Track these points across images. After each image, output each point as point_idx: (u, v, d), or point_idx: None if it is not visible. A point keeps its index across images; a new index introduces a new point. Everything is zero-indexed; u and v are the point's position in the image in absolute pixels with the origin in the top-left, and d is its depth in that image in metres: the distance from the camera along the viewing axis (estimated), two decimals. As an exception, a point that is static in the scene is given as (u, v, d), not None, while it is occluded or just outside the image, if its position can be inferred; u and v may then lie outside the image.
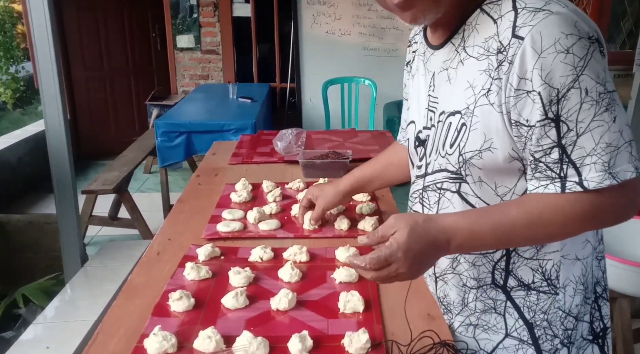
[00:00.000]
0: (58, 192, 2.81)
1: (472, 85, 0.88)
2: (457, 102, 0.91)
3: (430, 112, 1.00)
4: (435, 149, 0.97)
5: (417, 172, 1.06)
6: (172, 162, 3.69)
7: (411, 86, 1.11)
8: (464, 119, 0.89)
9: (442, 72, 0.96)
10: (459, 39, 0.92)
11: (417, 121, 1.05)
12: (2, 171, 4.50)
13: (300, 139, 2.21)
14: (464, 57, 0.91)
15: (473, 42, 0.89)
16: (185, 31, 5.47)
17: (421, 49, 1.06)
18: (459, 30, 0.92)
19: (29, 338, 2.24)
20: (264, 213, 1.54)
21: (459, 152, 0.91)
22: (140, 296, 1.13)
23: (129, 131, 5.88)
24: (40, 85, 2.68)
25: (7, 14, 6.61)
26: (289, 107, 5.64)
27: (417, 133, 1.05)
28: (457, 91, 0.91)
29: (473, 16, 0.90)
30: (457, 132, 0.91)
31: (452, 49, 0.93)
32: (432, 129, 0.99)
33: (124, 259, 2.87)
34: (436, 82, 0.98)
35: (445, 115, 0.94)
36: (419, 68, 1.06)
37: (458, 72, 0.92)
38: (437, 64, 0.98)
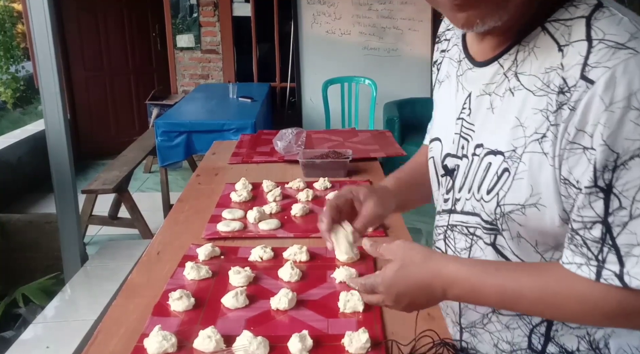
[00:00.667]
0: (58, 192, 2.81)
1: (522, 125, 0.71)
2: (500, 140, 0.74)
3: (463, 139, 0.82)
4: (467, 188, 0.81)
5: (442, 203, 0.90)
6: (172, 162, 3.69)
7: (438, 93, 0.94)
8: (507, 163, 0.73)
9: (482, 97, 0.78)
10: (510, 61, 0.74)
11: (444, 141, 0.88)
12: (2, 171, 4.49)
13: (300, 138, 2.21)
14: (515, 86, 0.73)
15: (529, 69, 0.71)
16: (185, 31, 5.47)
17: (455, 54, 0.87)
18: (512, 49, 0.74)
19: (29, 338, 2.24)
20: (264, 213, 1.54)
21: (496, 202, 0.75)
22: (140, 296, 1.13)
23: (129, 130, 5.88)
24: (40, 85, 2.68)
25: (7, 14, 6.62)
26: (289, 106, 5.64)
27: (444, 158, 0.88)
28: (502, 126, 0.74)
29: (532, 35, 0.72)
30: (497, 177, 0.74)
31: (500, 72, 0.76)
32: (463, 159, 0.82)
33: (124, 259, 2.87)
34: (473, 106, 0.80)
35: (484, 151, 0.77)
36: (450, 77, 0.88)
37: (505, 103, 0.74)
38: (476, 83, 0.80)
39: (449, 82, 0.88)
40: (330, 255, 1.30)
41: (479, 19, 0.69)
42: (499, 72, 0.76)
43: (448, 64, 0.90)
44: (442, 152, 0.88)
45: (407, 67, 5.26)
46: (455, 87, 0.85)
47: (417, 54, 5.24)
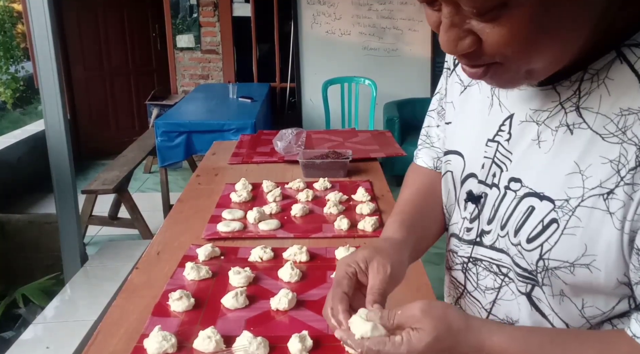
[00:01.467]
0: (58, 192, 2.81)
1: (582, 172, 0.58)
2: (550, 184, 0.61)
3: (496, 166, 0.70)
4: (500, 224, 0.69)
5: (464, 231, 0.78)
6: (172, 162, 3.69)
7: (459, 102, 0.80)
8: (556, 213, 0.60)
9: (528, 124, 0.65)
10: (571, 91, 0.60)
11: (468, 159, 0.76)
12: (2, 171, 4.50)
13: (300, 138, 2.21)
14: (576, 122, 0.59)
15: (598, 105, 0.57)
16: (185, 31, 5.47)
17: None
18: (574, 76, 0.60)
19: (29, 338, 2.24)
20: (264, 213, 1.53)
21: (539, 254, 0.63)
22: (140, 296, 1.13)
23: (129, 130, 5.88)
24: (40, 85, 2.68)
25: (7, 14, 6.62)
26: (289, 107, 5.64)
27: (465, 178, 0.76)
28: (554, 169, 0.61)
29: (603, 61, 0.57)
30: (543, 227, 0.62)
31: (554, 99, 0.62)
32: (493, 189, 0.71)
33: (124, 259, 2.87)
34: (515, 131, 0.67)
35: (523, 189, 0.65)
36: (482, 85, 0.74)
37: (559, 141, 0.61)
38: (520, 105, 0.67)
39: (479, 89, 0.75)
40: (330, 255, 1.30)
41: (504, 87, 0.60)
42: (554, 99, 0.62)
43: None
44: (464, 171, 0.76)
45: (407, 67, 5.26)
46: (490, 101, 0.72)
47: (417, 54, 5.24)
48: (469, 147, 0.76)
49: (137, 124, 6.04)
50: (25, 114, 7.71)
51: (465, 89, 0.79)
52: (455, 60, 0.83)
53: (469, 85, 0.78)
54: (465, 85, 0.79)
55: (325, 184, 1.79)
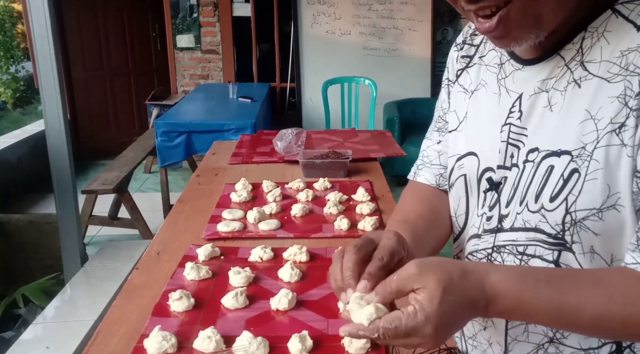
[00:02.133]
0: (58, 192, 2.81)
1: (594, 117, 0.62)
2: (565, 138, 0.64)
3: (512, 147, 0.72)
4: (520, 199, 0.69)
5: (484, 224, 0.77)
6: (172, 162, 3.69)
7: (464, 105, 0.82)
8: (576, 162, 0.62)
9: (537, 95, 0.69)
10: (574, 51, 0.66)
11: (483, 154, 0.77)
12: (2, 171, 4.50)
13: (300, 139, 2.21)
14: (582, 76, 0.64)
15: (600, 55, 0.63)
16: (185, 31, 5.47)
17: (494, 58, 0.79)
18: (575, 38, 0.66)
19: (29, 338, 2.24)
20: (264, 213, 1.54)
21: (565, 209, 0.63)
22: (140, 296, 1.13)
23: (129, 130, 5.88)
24: (40, 85, 2.68)
25: (7, 14, 6.62)
26: (289, 107, 5.64)
27: (484, 172, 0.77)
28: (567, 122, 0.64)
29: (600, 19, 0.64)
30: (564, 180, 0.63)
31: (560, 64, 0.67)
32: (512, 169, 0.71)
33: (124, 259, 2.87)
34: (525, 107, 0.70)
35: (541, 154, 0.67)
36: (488, 84, 0.78)
37: (569, 97, 0.65)
38: (528, 83, 0.70)
39: (485, 89, 0.78)
40: (330, 255, 1.30)
41: (513, 42, 0.64)
42: (559, 64, 0.67)
43: (482, 71, 0.80)
44: (480, 167, 0.77)
45: (407, 67, 5.26)
46: (497, 92, 0.75)
47: (417, 54, 5.24)
48: (483, 143, 0.77)
49: (137, 124, 6.04)
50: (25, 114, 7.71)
51: (472, 94, 0.81)
52: (457, 72, 0.85)
53: (475, 89, 0.81)
54: (472, 89, 0.81)
55: (325, 184, 1.79)
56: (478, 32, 0.77)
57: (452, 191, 0.83)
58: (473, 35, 0.85)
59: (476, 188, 0.78)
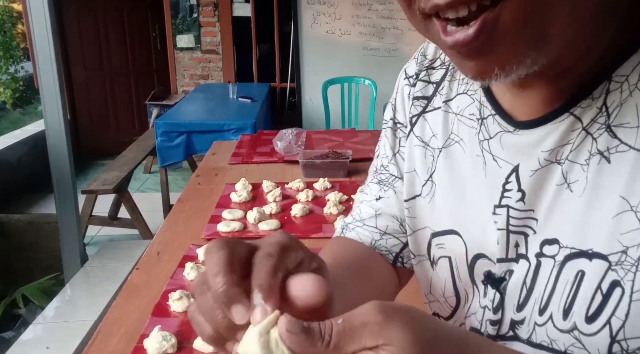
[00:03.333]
0: (58, 192, 2.81)
1: (635, 209, 0.43)
2: (595, 235, 0.45)
3: (516, 234, 0.52)
4: (539, 307, 0.50)
5: (488, 325, 0.56)
6: (172, 162, 3.69)
7: (429, 165, 0.62)
8: (616, 272, 0.44)
9: (547, 168, 0.49)
10: (595, 109, 0.46)
11: (471, 238, 0.57)
12: (2, 171, 4.50)
13: (300, 139, 2.21)
14: (612, 146, 0.45)
15: (636, 118, 0.44)
16: (185, 31, 5.47)
17: (468, 107, 0.58)
18: (596, 91, 0.46)
19: (29, 338, 2.24)
20: (264, 213, 1.54)
21: (609, 335, 0.45)
22: (140, 296, 1.13)
23: (129, 130, 5.88)
24: (40, 85, 2.68)
25: (7, 14, 6.62)
26: (289, 107, 5.64)
27: (475, 259, 0.57)
28: (595, 212, 0.46)
29: (630, 64, 0.44)
30: (603, 296, 0.45)
31: (575, 127, 0.47)
32: (520, 262, 0.52)
33: (124, 259, 2.87)
34: (527, 185, 0.50)
35: (563, 251, 0.48)
36: (466, 141, 0.57)
37: (593, 175, 0.46)
38: (525, 152, 0.50)
39: (463, 149, 0.57)
40: (330, 255, 1.30)
41: (498, 67, 0.41)
42: (575, 127, 0.47)
43: (452, 122, 0.59)
44: (468, 253, 0.58)
45: (407, 67, 5.26)
46: (481, 159, 0.55)
47: (417, 54, 5.24)
48: (469, 223, 0.57)
49: (137, 124, 6.04)
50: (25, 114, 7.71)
51: (440, 152, 0.60)
52: (412, 118, 0.64)
53: (444, 146, 0.59)
54: (439, 146, 0.60)
55: (325, 184, 1.79)
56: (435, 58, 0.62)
57: (436, 270, 0.62)
58: (430, 68, 0.63)
59: (467, 276, 0.58)
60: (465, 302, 0.60)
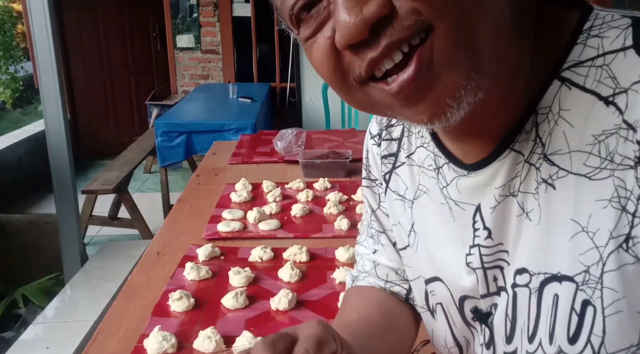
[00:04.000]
0: (58, 192, 2.81)
1: (586, 229, 0.45)
2: (558, 258, 0.48)
3: (492, 269, 0.55)
4: (527, 335, 0.52)
5: None
6: (172, 162, 3.69)
7: (408, 217, 0.65)
8: (584, 292, 0.46)
9: (504, 203, 0.51)
10: (530, 142, 0.49)
11: (452, 282, 0.60)
12: (2, 171, 4.50)
13: (300, 139, 2.21)
14: (552, 173, 0.47)
15: (566, 144, 0.46)
16: (185, 31, 5.47)
17: (426, 159, 0.60)
18: (527, 125, 0.49)
19: (29, 338, 2.24)
20: (264, 213, 1.54)
21: (593, 352, 0.47)
22: (140, 296, 1.13)
23: (129, 130, 5.88)
24: (40, 85, 2.68)
25: (7, 14, 6.61)
26: (289, 107, 5.64)
27: (462, 300, 0.60)
28: (554, 237, 0.48)
29: (549, 95, 0.47)
30: (578, 316, 0.47)
31: (518, 161, 0.50)
32: (502, 295, 0.54)
33: (124, 259, 2.87)
34: (491, 220, 0.53)
35: (537, 278, 0.50)
36: (431, 191, 0.60)
37: (544, 202, 0.48)
38: (480, 192, 0.53)
39: (430, 198, 0.60)
40: (330, 255, 1.30)
41: (448, 97, 0.42)
42: (517, 161, 0.49)
43: (417, 174, 0.62)
44: (454, 296, 0.60)
45: (407, 67, 5.26)
46: (447, 206, 0.57)
47: (417, 54, 5.24)
48: (446, 268, 0.60)
49: (137, 124, 6.04)
50: (25, 114, 7.71)
51: (412, 204, 0.63)
52: (385, 175, 0.67)
53: (415, 197, 0.63)
54: (411, 198, 0.63)
55: (325, 184, 1.79)
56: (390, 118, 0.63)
57: (436, 318, 0.65)
58: (389, 126, 0.66)
59: (461, 320, 0.60)
60: (467, 349, 0.62)
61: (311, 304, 1.08)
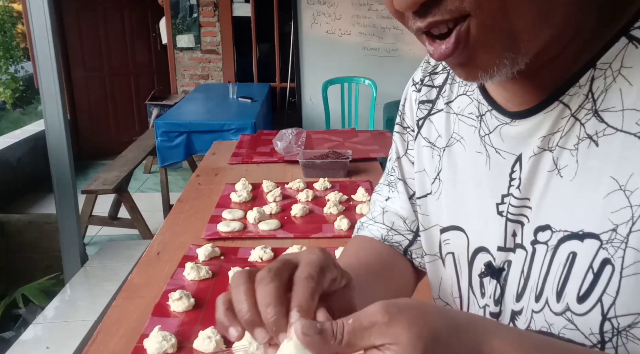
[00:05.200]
0: (58, 192, 2.81)
1: (624, 188, 0.45)
2: (587, 215, 0.47)
3: (514, 223, 0.54)
4: (535, 294, 0.52)
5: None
6: (172, 162, 3.69)
7: (435, 164, 0.65)
8: (607, 250, 0.45)
9: (539, 156, 0.51)
10: (582, 96, 0.48)
11: (472, 232, 0.60)
12: (2, 171, 4.50)
13: (300, 139, 2.21)
14: (599, 130, 0.46)
15: (620, 102, 0.45)
16: (185, 31, 5.47)
17: (469, 106, 0.61)
18: (582, 79, 0.48)
19: (29, 338, 2.24)
20: (264, 213, 1.54)
21: (601, 313, 0.46)
22: (140, 296, 1.13)
23: (129, 130, 5.88)
24: (40, 85, 2.68)
25: (7, 14, 6.62)
26: (289, 107, 5.64)
27: (476, 252, 0.60)
28: (587, 194, 0.47)
29: (613, 52, 0.46)
30: (594, 274, 0.46)
31: (564, 115, 0.49)
32: (517, 252, 0.54)
33: (124, 259, 2.87)
34: (525, 173, 0.52)
35: (556, 235, 0.50)
36: (466, 139, 0.60)
37: (583, 158, 0.48)
38: (523, 141, 0.53)
39: (464, 147, 0.61)
40: (330, 255, 1.30)
41: (481, 71, 0.46)
42: (564, 115, 0.49)
43: (453, 122, 0.63)
44: (470, 247, 0.60)
45: (407, 67, 5.26)
46: (485, 154, 0.57)
47: (417, 54, 5.24)
48: (471, 218, 0.60)
49: (137, 124, 6.04)
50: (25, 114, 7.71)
51: (443, 151, 0.64)
52: (418, 121, 0.68)
53: (447, 145, 0.63)
54: (442, 145, 0.64)
55: (325, 184, 1.79)
56: (437, 64, 0.67)
57: (446, 267, 0.65)
58: (433, 73, 0.68)
59: (467, 272, 0.61)
60: (468, 302, 0.62)
61: (311, 304, 1.08)
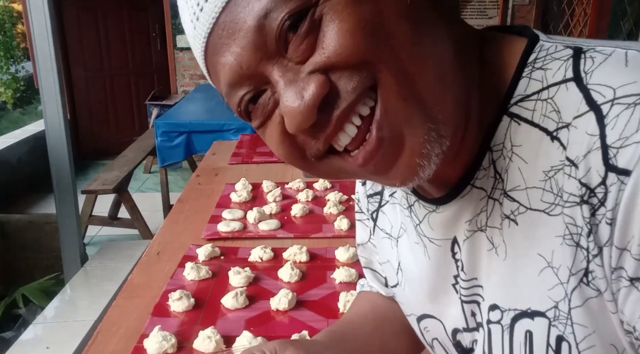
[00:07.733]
0: (58, 192, 2.81)
1: (551, 265, 0.45)
2: (529, 294, 0.47)
3: (469, 304, 0.55)
4: None
5: None
6: (172, 162, 3.69)
7: (394, 255, 0.65)
8: (557, 328, 0.45)
9: (474, 236, 0.51)
10: (491, 179, 0.49)
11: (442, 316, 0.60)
12: (2, 171, 4.50)
13: (300, 139, 2.21)
14: (514, 209, 0.47)
15: (522, 180, 0.46)
16: (185, 31, 5.47)
17: (401, 198, 0.61)
18: (484, 161, 0.49)
19: (29, 338, 2.24)
20: (264, 213, 1.54)
21: None
22: (140, 296, 1.13)
23: (129, 130, 5.88)
24: (40, 85, 2.68)
25: (7, 14, 6.62)
26: (289, 107, 5.64)
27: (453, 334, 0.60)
28: (522, 272, 0.47)
29: (500, 132, 0.47)
30: (554, 351, 0.46)
31: (482, 196, 0.50)
32: (480, 331, 0.54)
33: (124, 259, 2.87)
34: (465, 255, 0.53)
35: (508, 314, 0.49)
36: (407, 230, 0.61)
37: (509, 238, 0.48)
38: (450, 225, 0.53)
39: (408, 237, 0.61)
40: (330, 255, 1.30)
41: (418, 157, 0.42)
42: (482, 196, 0.49)
43: (399, 212, 0.62)
44: (447, 330, 0.60)
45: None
46: (421, 244, 0.58)
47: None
48: (439, 304, 0.59)
49: (137, 124, 6.04)
50: (25, 114, 7.71)
51: (397, 242, 0.64)
52: (372, 214, 0.69)
53: (399, 236, 0.63)
54: (396, 236, 0.64)
55: (325, 184, 1.79)
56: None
57: (435, 352, 0.65)
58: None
59: (455, 353, 0.60)
60: None
61: (311, 304, 1.08)
